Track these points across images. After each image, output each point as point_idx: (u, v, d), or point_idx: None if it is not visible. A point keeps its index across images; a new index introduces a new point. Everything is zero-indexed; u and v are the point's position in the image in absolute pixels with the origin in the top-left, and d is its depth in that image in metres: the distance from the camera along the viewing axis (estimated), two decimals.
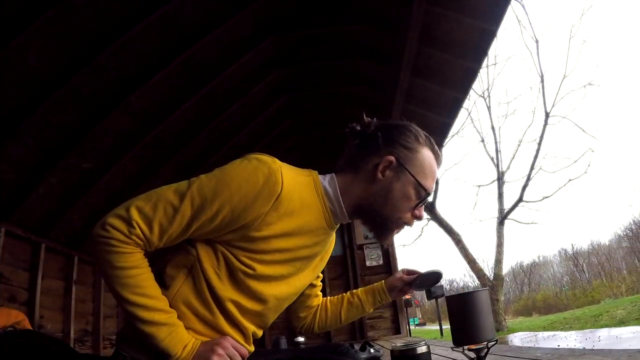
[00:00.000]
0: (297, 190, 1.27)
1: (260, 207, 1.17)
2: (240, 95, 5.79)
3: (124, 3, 3.64)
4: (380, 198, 1.32)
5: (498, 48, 40.88)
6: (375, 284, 1.76)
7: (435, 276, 1.66)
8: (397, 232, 1.40)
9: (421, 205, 1.35)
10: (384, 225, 1.35)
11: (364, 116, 1.43)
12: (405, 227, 1.39)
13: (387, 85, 5.99)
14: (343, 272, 8.46)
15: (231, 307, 1.25)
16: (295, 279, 1.38)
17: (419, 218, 1.37)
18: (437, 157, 1.42)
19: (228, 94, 5.62)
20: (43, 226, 4.80)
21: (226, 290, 1.23)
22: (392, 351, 1.61)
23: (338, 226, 1.48)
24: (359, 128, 1.45)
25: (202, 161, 6.11)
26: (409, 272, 1.72)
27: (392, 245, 8.72)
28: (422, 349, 1.44)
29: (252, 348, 1.36)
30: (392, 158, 1.31)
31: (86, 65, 3.75)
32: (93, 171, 4.81)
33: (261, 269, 1.25)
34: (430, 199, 1.37)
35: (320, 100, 7.52)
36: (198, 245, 1.24)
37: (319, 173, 1.34)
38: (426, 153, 1.38)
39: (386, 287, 1.73)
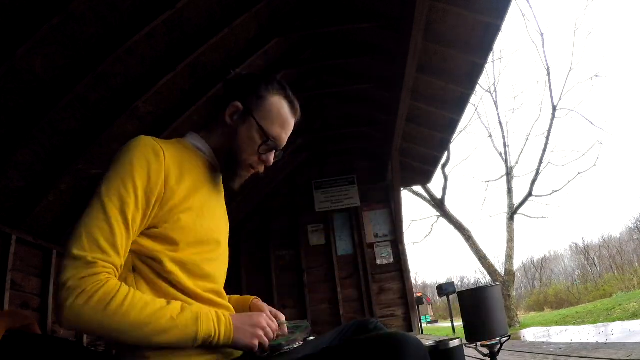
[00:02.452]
0: (174, 149, 1.32)
1: (157, 168, 1.22)
2: None
3: (128, 9, 3.65)
4: (228, 140, 1.38)
5: (503, 42, 40.65)
6: (249, 298, 1.60)
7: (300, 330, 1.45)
8: (244, 177, 1.44)
9: (267, 151, 1.39)
10: (233, 167, 1.40)
11: (230, 70, 1.51)
12: (251, 170, 1.43)
13: (393, 83, 5.98)
14: (354, 271, 8.46)
15: (182, 275, 1.24)
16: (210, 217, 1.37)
17: (266, 163, 1.41)
18: (292, 105, 1.43)
19: None
20: (53, 232, 4.82)
21: (171, 264, 1.23)
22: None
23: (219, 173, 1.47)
24: (225, 81, 1.50)
25: None
26: (271, 311, 1.50)
27: (402, 242, 8.72)
28: (454, 343, 1.43)
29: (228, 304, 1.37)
30: (238, 104, 1.37)
31: (92, 72, 3.76)
32: (102, 177, 4.83)
33: (185, 218, 1.26)
34: (276, 144, 1.40)
35: (326, 99, 7.53)
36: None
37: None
38: (276, 100, 1.40)
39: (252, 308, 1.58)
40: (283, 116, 1.40)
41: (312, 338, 1.71)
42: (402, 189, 9.22)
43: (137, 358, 1.17)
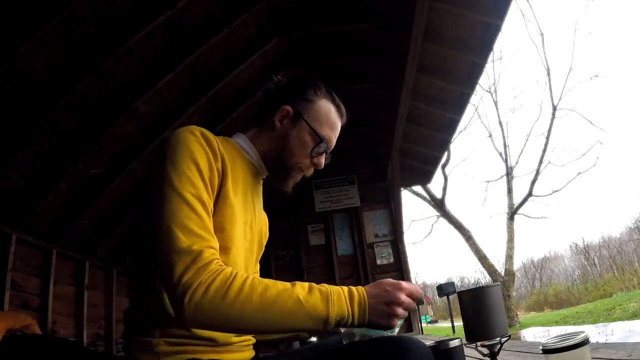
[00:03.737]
0: (226, 146, 1.32)
1: (215, 157, 1.20)
2: (247, 97, 5.80)
3: (128, 9, 3.65)
4: (279, 144, 1.39)
5: (503, 42, 40.67)
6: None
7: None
8: (295, 179, 1.46)
9: (319, 153, 1.41)
10: (283, 170, 1.41)
11: (273, 76, 1.52)
12: (302, 174, 1.45)
13: (393, 83, 5.99)
14: (354, 272, 8.47)
15: None
16: (247, 227, 1.37)
17: (318, 166, 1.43)
18: (338, 108, 1.49)
19: (234, 96, 5.63)
20: (53, 232, 4.82)
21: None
22: None
23: (261, 183, 1.50)
24: (266, 88, 1.52)
25: None
26: None
27: (402, 242, 8.72)
28: (454, 343, 1.43)
29: None
30: (289, 108, 1.39)
31: (92, 72, 3.76)
32: (102, 177, 4.83)
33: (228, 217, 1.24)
34: (327, 147, 1.43)
35: None
36: None
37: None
38: (323, 103, 1.43)
39: None
40: (332, 119, 1.44)
41: (314, 339, 1.72)
42: (402, 189, 9.22)
43: (147, 354, 1.13)
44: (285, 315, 1.03)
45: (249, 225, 1.37)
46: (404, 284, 1.14)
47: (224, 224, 1.22)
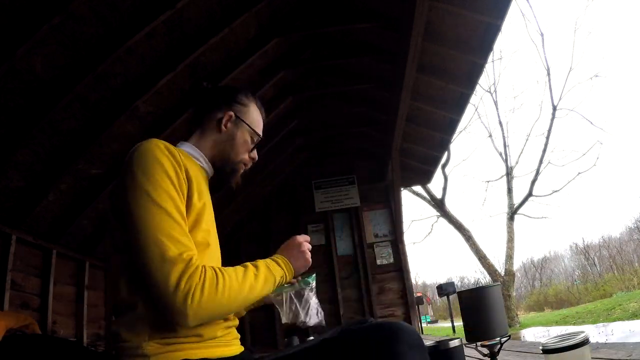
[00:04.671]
0: (183, 155, 1.39)
1: (180, 168, 1.29)
2: None
3: (128, 9, 3.65)
4: (226, 146, 1.55)
5: (503, 42, 40.67)
6: None
7: None
8: (239, 173, 1.61)
9: (254, 148, 1.61)
10: (232, 169, 1.57)
11: (201, 82, 1.66)
12: (245, 167, 1.62)
13: (393, 83, 5.99)
14: (354, 272, 8.46)
15: None
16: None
17: (254, 159, 1.63)
18: (262, 109, 1.68)
19: None
20: (53, 232, 4.82)
21: None
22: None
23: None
24: (199, 91, 1.66)
25: None
26: None
27: (402, 242, 8.72)
28: (454, 343, 1.43)
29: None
30: (232, 113, 1.55)
31: (92, 72, 3.76)
32: (102, 177, 4.83)
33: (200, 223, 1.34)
34: (260, 140, 1.64)
35: (326, 100, 7.53)
36: None
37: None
38: (254, 106, 1.63)
39: None
40: (262, 119, 1.66)
41: (311, 338, 1.74)
42: (402, 189, 9.22)
43: (137, 357, 1.18)
44: (255, 289, 1.27)
45: (214, 227, 1.49)
46: (297, 237, 1.51)
47: (201, 224, 1.33)
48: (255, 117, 1.61)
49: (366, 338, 1.12)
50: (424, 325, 13.66)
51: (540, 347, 1.35)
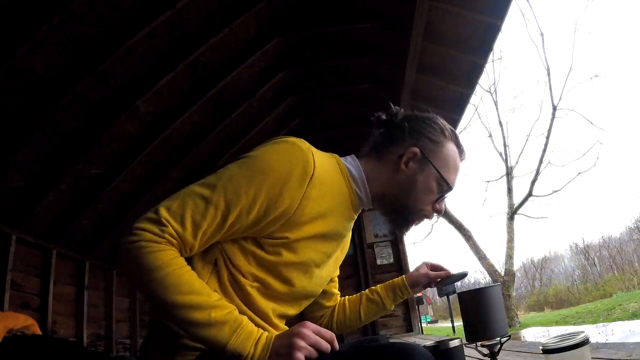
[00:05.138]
0: (327, 171, 1.24)
1: (296, 189, 1.14)
2: (247, 97, 5.80)
3: (128, 9, 3.65)
4: (403, 189, 1.31)
5: (503, 42, 40.65)
6: (396, 279, 1.72)
7: (461, 277, 1.64)
8: (416, 224, 1.39)
9: (442, 199, 1.34)
10: (404, 216, 1.35)
11: (392, 105, 1.46)
12: (425, 219, 1.38)
13: (393, 83, 5.99)
14: (354, 272, 8.46)
15: (256, 295, 1.20)
16: (322, 267, 1.33)
17: (440, 212, 1.36)
18: (462, 152, 1.39)
19: (234, 96, 5.63)
20: (53, 232, 4.82)
21: (254, 280, 1.19)
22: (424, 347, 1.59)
23: (358, 214, 1.39)
24: (384, 117, 1.45)
25: (211, 163, 6.13)
26: (433, 267, 1.67)
27: (402, 242, 8.72)
28: (454, 343, 1.43)
29: None
30: (417, 150, 1.30)
31: (92, 72, 3.76)
32: (102, 177, 4.83)
33: (290, 255, 1.20)
34: (451, 193, 1.34)
35: (327, 99, 7.53)
36: (223, 240, 1.19)
37: None
38: (451, 147, 1.35)
39: (408, 282, 1.69)
40: (458, 164, 1.37)
41: None
42: None
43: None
44: (189, 321, 1.02)
45: (328, 255, 1.33)
46: (305, 324, 1.07)
47: (296, 251, 1.20)
48: (449, 160, 1.33)
49: (380, 357, 1.00)
50: (424, 325, 13.65)
51: (540, 347, 1.34)
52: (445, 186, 1.32)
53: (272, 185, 1.11)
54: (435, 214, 1.37)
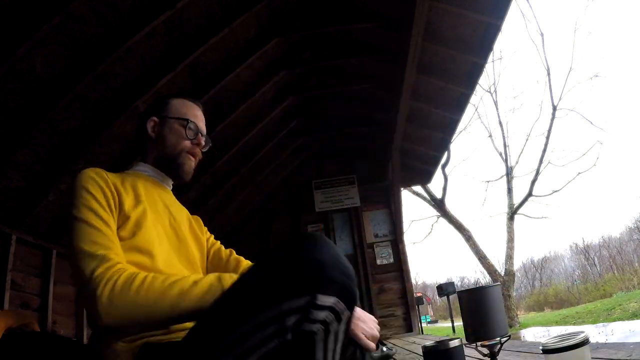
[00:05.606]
0: (118, 175, 1.46)
1: (107, 183, 1.34)
2: (247, 97, 5.80)
3: (128, 9, 3.65)
4: (161, 147, 1.57)
5: (503, 42, 40.67)
6: None
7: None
8: (189, 165, 1.59)
9: (195, 135, 1.58)
10: (175, 162, 1.57)
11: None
12: (192, 158, 1.60)
13: (393, 83, 5.99)
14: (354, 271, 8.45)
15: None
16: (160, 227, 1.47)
17: (199, 145, 1.59)
18: (190, 98, 1.67)
19: (234, 96, 5.63)
20: (53, 232, 4.82)
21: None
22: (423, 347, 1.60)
23: (171, 188, 1.66)
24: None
25: (211, 164, 6.12)
26: None
27: (402, 242, 8.72)
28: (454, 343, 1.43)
29: None
30: (154, 117, 1.58)
31: (92, 72, 3.76)
32: None
33: (137, 238, 1.34)
34: (196, 125, 1.61)
35: (327, 99, 7.53)
36: None
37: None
38: (176, 100, 1.63)
39: None
40: (188, 105, 1.63)
41: None
42: (402, 189, 9.22)
43: (111, 354, 1.22)
44: (185, 293, 1.11)
45: (170, 226, 1.50)
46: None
47: (141, 230, 1.34)
48: (179, 107, 1.61)
49: (280, 250, 1.07)
50: (424, 325, 13.65)
51: (540, 347, 1.35)
52: (185, 122, 1.57)
53: (94, 187, 1.32)
54: (197, 147, 1.59)
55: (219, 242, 1.78)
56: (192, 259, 1.52)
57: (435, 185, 28.81)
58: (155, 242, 1.37)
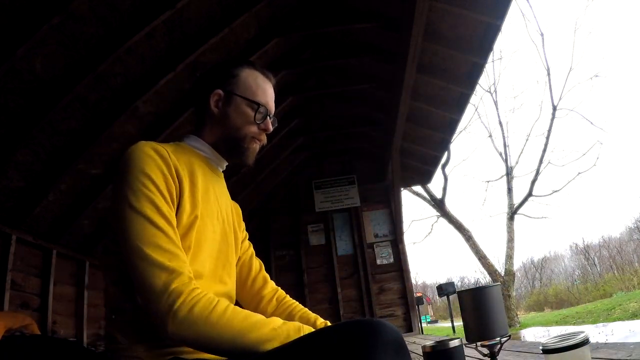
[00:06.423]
0: (177, 151, 1.32)
1: (169, 168, 1.22)
2: None
3: (128, 9, 3.65)
4: (223, 127, 1.41)
5: (503, 42, 40.67)
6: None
7: None
8: (253, 150, 1.46)
9: (263, 118, 1.43)
10: (239, 147, 1.42)
11: (195, 74, 1.52)
12: (258, 142, 1.46)
13: (393, 83, 5.99)
14: (354, 271, 8.47)
15: None
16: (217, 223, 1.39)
17: (267, 130, 1.45)
18: (263, 73, 1.49)
19: None
20: (53, 232, 4.82)
21: None
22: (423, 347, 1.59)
23: (222, 172, 1.52)
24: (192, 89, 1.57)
25: None
26: None
27: (402, 242, 8.72)
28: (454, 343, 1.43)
29: None
30: (219, 91, 1.41)
31: (92, 72, 3.76)
32: (102, 177, 4.83)
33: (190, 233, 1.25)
34: (266, 110, 1.45)
35: (326, 99, 7.53)
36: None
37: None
38: (248, 72, 1.45)
39: None
40: (261, 84, 1.45)
41: None
42: (402, 189, 9.23)
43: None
44: (262, 339, 1.06)
45: (216, 217, 1.38)
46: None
47: (190, 226, 1.24)
48: (250, 84, 1.43)
49: (343, 334, 0.97)
50: (424, 325, 13.66)
51: (540, 347, 1.35)
52: (256, 106, 1.41)
53: (154, 171, 1.18)
54: (265, 133, 1.45)
55: (251, 247, 1.69)
56: (231, 261, 1.44)
57: (435, 185, 28.83)
58: (204, 246, 1.29)
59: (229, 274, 1.41)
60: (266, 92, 1.46)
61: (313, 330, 1.11)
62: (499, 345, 1.49)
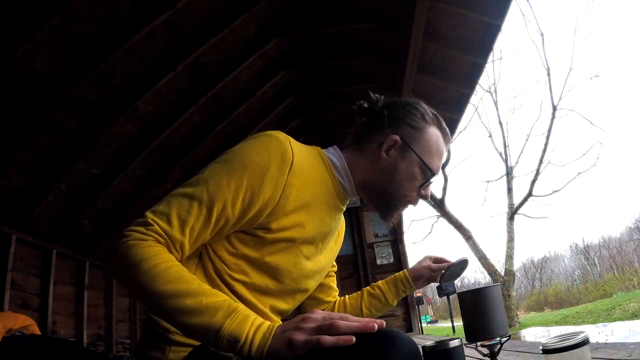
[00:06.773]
0: (307, 160, 1.24)
1: (278, 177, 1.13)
2: (247, 97, 5.80)
3: (128, 9, 3.65)
4: (385, 177, 1.29)
5: (503, 42, 40.69)
6: (398, 273, 1.72)
7: (463, 265, 1.66)
8: (401, 211, 1.37)
9: (427, 185, 1.33)
10: (389, 203, 1.32)
11: (371, 93, 1.41)
12: (410, 206, 1.37)
13: (393, 83, 5.98)
14: (354, 271, 8.46)
15: (243, 290, 1.19)
16: (312, 259, 1.31)
17: (425, 197, 1.35)
18: (445, 136, 1.37)
19: (234, 96, 5.63)
20: (53, 232, 4.82)
21: (239, 273, 1.19)
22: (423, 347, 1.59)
23: (346, 205, 1.39)
24: (366, 105, 1.42)
25: None
26: (436, 260, 1.70)
27: (402, 242, 8.72)
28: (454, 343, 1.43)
29: None
30: (396, 137, 1.28)
31: (92, 72, 3.76)
32: (102, 177, 4.83)
33: (273, 249, 1.19)
34: (436, 178, 1.34)
35: (326, 99, 7.53)
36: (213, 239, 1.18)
37: None
38: (433, 132, 1.33)
39: (411, 275, 1.70)
40: (441, 148, 1.35)
41: None
42: None
43: (164, 343, 1.15)
44: (181, 310, 0.96)
45: (316, 247, 1.30)
46: (320, 311, 0.99)
47: (279, 241, 1.18)
48: (431, 145, 1.31)
49: (361, 344, 0.91)
50: (424, 325, 13.64)
51: (540, 347, 1.34)
52: (428, 172, 1.31)
53: (253, 175, 1.11)
54: (420, 200, 1.36)
55: (334, 273, 1.63)
56: (309, 291, 1.39)
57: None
58: (286, 274, 1.23)
59: (297, 299, 1.37)
60: (442, 158, 1.37)
61: (260, 319, 0.98)
62: (499, 345, 1.49)
